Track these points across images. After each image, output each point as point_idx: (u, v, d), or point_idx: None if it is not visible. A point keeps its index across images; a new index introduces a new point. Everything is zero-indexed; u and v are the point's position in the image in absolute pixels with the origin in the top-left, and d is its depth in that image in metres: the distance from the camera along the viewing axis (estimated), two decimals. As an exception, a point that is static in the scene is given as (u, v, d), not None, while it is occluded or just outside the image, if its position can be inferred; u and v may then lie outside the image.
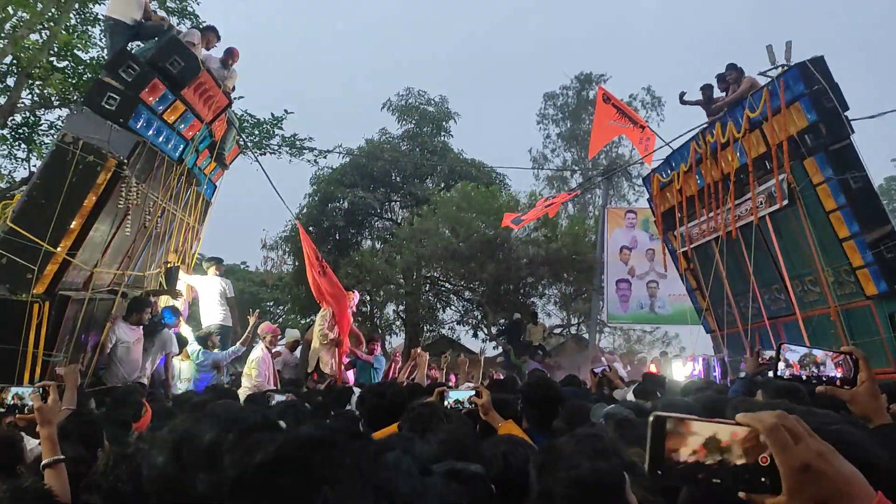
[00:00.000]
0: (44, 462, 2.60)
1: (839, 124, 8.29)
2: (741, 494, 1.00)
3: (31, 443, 3.45)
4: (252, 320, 9.89)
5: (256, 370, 9.11)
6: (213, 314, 10.45)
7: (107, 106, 7.04)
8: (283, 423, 3.46)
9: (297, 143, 19.53)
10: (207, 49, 9.25)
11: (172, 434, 1.16)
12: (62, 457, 2.64)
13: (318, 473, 0.65)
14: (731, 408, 2.60)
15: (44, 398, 2.74)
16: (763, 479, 0.98)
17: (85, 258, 7.24)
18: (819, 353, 1.88)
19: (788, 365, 1.94)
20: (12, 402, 2.81)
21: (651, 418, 1.04)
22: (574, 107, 31.37)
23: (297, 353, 11.12)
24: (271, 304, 31.17)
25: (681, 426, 1.02)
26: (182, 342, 9.16)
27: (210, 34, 9.32)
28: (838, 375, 1.86)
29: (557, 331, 25.08)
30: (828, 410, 1.69)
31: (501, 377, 9.40)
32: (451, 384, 8.90)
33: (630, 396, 6.01)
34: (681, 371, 10.21)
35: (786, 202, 8.87)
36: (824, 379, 1.86)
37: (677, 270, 13.10)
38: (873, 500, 0.95)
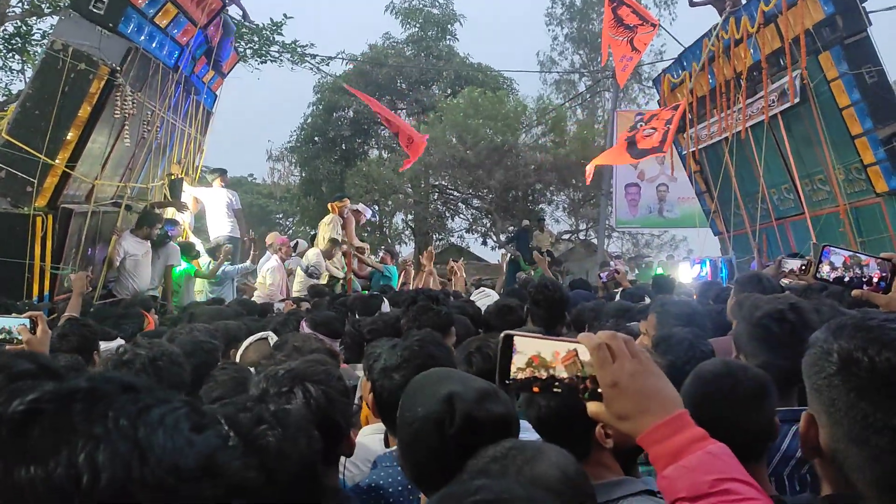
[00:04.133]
0: None
1: (856, 16, 7.97)
2: (585, 402, 1.14)
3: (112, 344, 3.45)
4: (248, 241, 9.92)
5: (271, 279, 9.21)
6: (221, 226, 10.44)
7: (94, 10, 6.80)
8: (273, 335, 3.45)
9: (299, 49, 19.03)
10: None
11: None
12: None
13: (71, 426, 0.62)
14: (737, 304, 2.58)
15: (32, 330, 2.66)
16: (598, 390, 1.11)
17: (85, 171, 7.18)
18: (864, 257, 1.88)
19: (834, 267, 1.91)
20: (0, 337, 2.74)
21: (501, 335, 1.15)
22: (582, 7, 30.31)
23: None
24: (280, 216, 31.26)
25: (531, 343, 1.13)
26: (187, 249, 9.17)
27: None
28: (876, 280, 1.86)
29: (566, 237, 25.09)
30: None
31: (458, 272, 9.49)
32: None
33: (618, 298, 6.07)
34: (688, 273, 10.19)
35: (798, 99, 8.65)
36: (864, 280, 1.85)
37: (686, 173, 12.96)
38: (670, 416, 1.07)
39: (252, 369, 2.62)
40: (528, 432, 2.03)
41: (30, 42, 14.13)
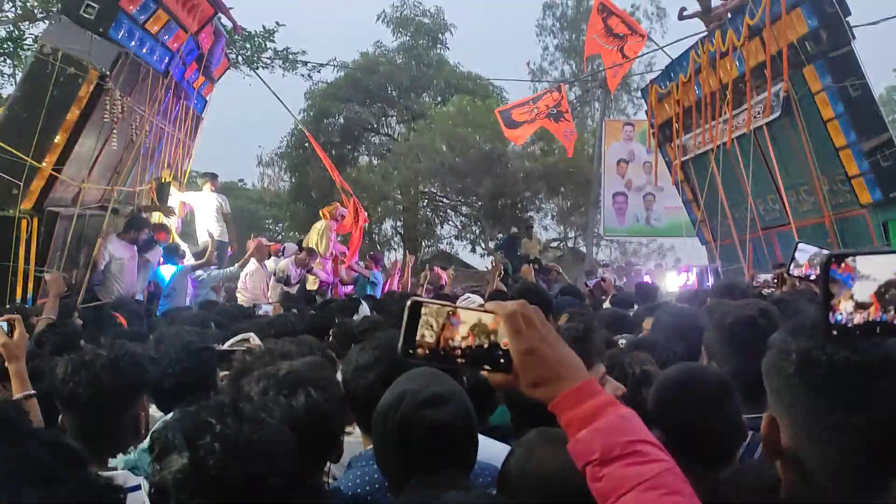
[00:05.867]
0: (15, 398, 2.55)
1: (840, 30, 8.06)
2: (483, 372, 1.11)
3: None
4: (252, 245, 9.82)
5: (251, 283, 9.18)
6: (211, 230, 10.40)
7: (85, 15, 6.82)
8: (255, 336, 3.46)
9: (290, 56, 19.11)
10: None
11: None
12: (33, 392, 2.59)
13: None
14: (707, 310, 2.61)
15: (9, 333, 2.66)
16: (502, 360, 1.09)
17: (72, 174, 7.16)
18: (826, 252, 1.80)
19: (798, 265, 1.82)
20: None
21: (408, 303, 1.12)
22: (573, 18, 30.43)
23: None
24: (270, 221, 31.16)
25: (471, 314, 1.10)
26: (173, 251, 9.12)
27: None
28: None
29: (554, 244, 25.16)
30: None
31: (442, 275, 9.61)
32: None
33: (606, 305, 6.11)
34: (674, 282, 10.25)
35: (782, 111, 8.74)
36: None
37: (672, 182, 13.04)
38: (582, 381, 1.08)
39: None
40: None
41: (21, 47, 14.14)
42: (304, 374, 1.82)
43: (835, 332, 1.00)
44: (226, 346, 3.23)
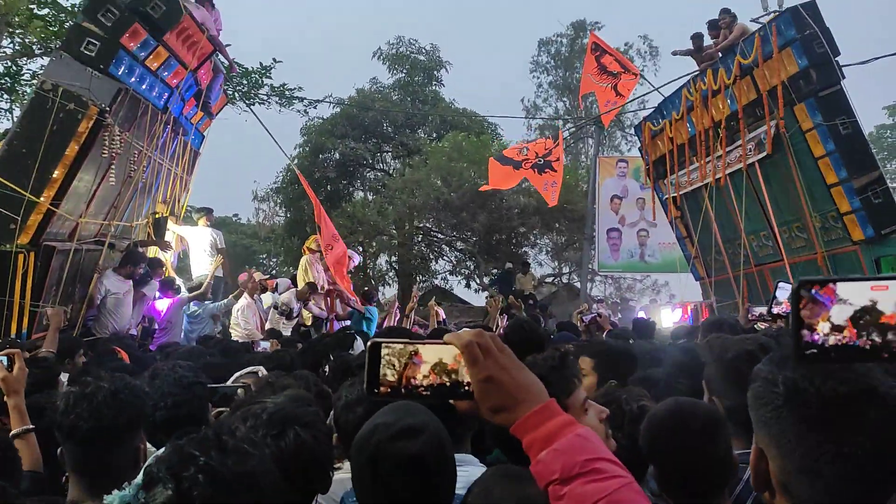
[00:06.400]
0: (13, 432, 2.57)
1: (830, 70, 8.21)
2: (452, 401, 1.16)
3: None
4: (243, 278, 9.83)
5: (243, 318, 9.15)
6: (204, 265, 10.39)
7: (86, 52, 6.91)
8: (263, 369, 3.46)
9: (287, 92, 19.30)
10: None
11: None
12: (32, 426, 2.59)
13: None
14: (706, 345, 2.62)
15: (9, 367, 2.67)
16: (466, 388, 1.12)
17: (69, 208, 7.19)
18: None
19: (778, 303, 1.83)
20: None
21: (370, 344, 1.15)
22: (567, 55, 30.91)
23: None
24: (264, 256, 31.16)
25: (433, 350, 1.13)
26: (169, 283, 9.10)
27: None
28: None
29: (549, 280, 25.19)
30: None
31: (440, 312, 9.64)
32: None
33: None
34: (669, 318, 10.28)
35: (774, 149, 8.84)
36: None
37: (667, 218, 13.13)
38: (541, 404, 1.11)
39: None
40: (471, 466, 2.06)
41: (19, 82, 14.28)
42: (291, 413, 1.82)
43: (809, 352, 0.99)
44: (232, 379, 3.23)
